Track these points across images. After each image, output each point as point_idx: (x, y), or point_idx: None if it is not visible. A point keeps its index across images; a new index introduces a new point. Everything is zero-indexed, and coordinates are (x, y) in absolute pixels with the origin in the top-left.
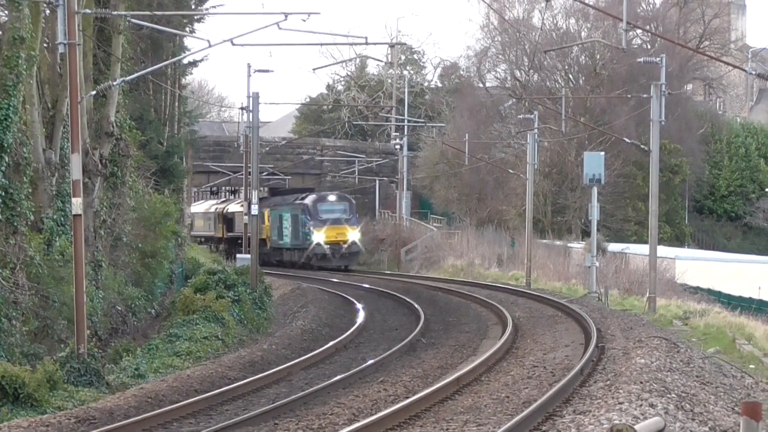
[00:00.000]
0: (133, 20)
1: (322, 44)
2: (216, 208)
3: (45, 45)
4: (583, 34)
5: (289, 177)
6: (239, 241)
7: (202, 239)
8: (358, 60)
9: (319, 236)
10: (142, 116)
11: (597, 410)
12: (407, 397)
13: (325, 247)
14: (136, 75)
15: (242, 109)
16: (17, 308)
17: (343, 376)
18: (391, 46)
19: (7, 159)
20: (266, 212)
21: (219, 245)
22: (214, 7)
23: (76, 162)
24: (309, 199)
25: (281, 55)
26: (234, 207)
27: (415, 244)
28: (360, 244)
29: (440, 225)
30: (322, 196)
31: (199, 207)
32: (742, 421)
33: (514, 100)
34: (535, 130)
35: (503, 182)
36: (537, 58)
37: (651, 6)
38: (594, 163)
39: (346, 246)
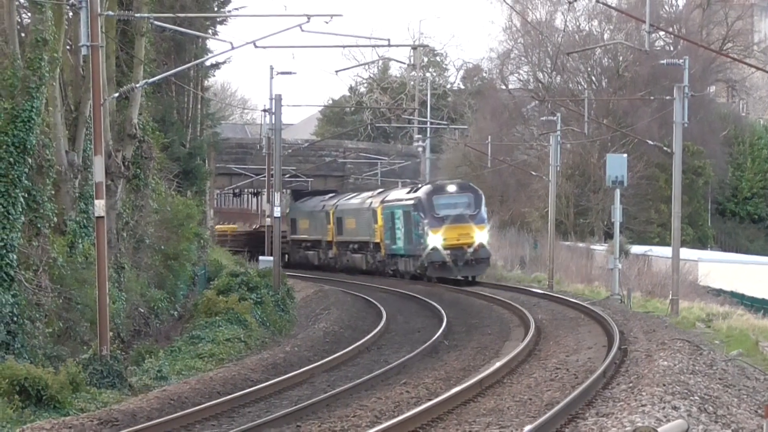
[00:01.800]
0: (156, 22)
1: (344, 46)
2: (324, 205)
3: (68, 47)
4: (605, 35)
5: (312, 179)
6: (352, 248)
7: (307, 244)
8: (380, 62)
9: (435, 239)
10: (165, 118)
11: (620, 412)
12: (429, 399)
13: (444, 252)
14: (159, 77)
15: (265, 111)
16: (40, 310)
17: (365, 378)
18: (414, 48)
19: (30, 161)
20: (378, 209)
21: (327, 253)
22: (236, 9)
23: (98, 164)
24: (422, 191)
25: (304, 57)
26: (350, 202)
27: None
28: (489, 247)
29: None
30: (439, 186)
31: (302, 205)
32: (765, 423)
33: (536, 102)
34: (558, 132)
35: (526, 184)
36: (560, 60)
37: (674, 8)
38: (617, 165)
39: (471, 250)
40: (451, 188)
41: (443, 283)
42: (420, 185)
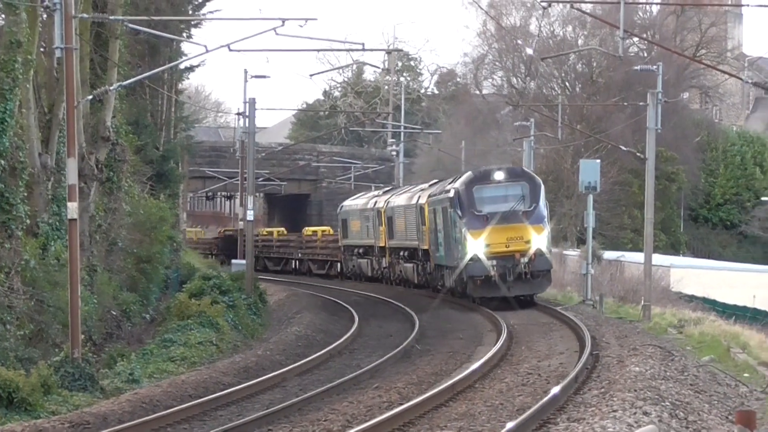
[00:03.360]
0: (131, 25)
1: (319, 50)
2: (376, 201)
3: (42, 49)
4: (580, 41)
5: (285, 183)
6: (404, 256)
7: (360, 251)
8: (355, 66)
9: (475, 245)
10: (139, 121)
11: (591, 418)
12: (401, 404)
13: (488, 263)
14: (133, 80)
15: (239, 114)
16: (12, 312)
17: (337, 382)
18: (388, 52)
19: (3, 163)
20: (425, 206)
21: (381, 261)
22: (211, 12)
23: (72, 166)
24: (460, 180)
25: (278, 61)
26: (401, 197)
27: None
28: (550, 255)
29: None
30: (483, 173)
31: (355, 202)
32: (736, 429)
33: (510, 107)
34: (532, 138)
35: None
36: (534, 66)
37: (648, 14)
38: (590, 170)
39: (525, 260)
40: (499, 175)
41: (487, 305)
42: (460, 175)
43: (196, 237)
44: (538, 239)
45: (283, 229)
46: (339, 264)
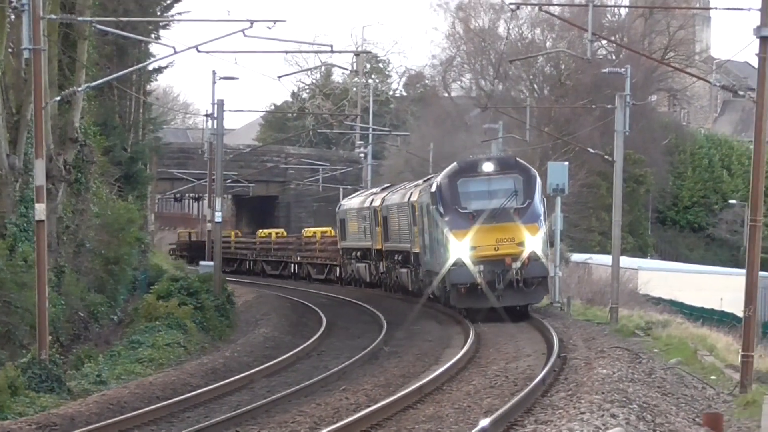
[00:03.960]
0: (99, 26)
1: (287, 52)
2: (372, 199)
3: (10, 50)
4: (548, 44)
5: (253, 185)
6: (398, 260)
7: (357, 254)
8: (323, 68)
9: (459, 247)
10: (107, 122)
11: (558, 420)
12: (369, 406)
13: (474, 269)
14: (101, 81)
15: (207, 116)
16: None
17: (305, 384)
18: (357, 54)
19: None
20: (415, 204)
21: (378, 266)
22: (179, 13)
23: (40, 167)
24: (443, 173)
25: (247, 63)
26: (397, 194)
27: None
28: (546, 259)
29: None
30: (469, 164)
31: (353, 200)
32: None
33: (479, 109)
34: (500, 140)
35: None
36: (502, 68)
37: (616, 17)
38: (558, 172)
39: (517, 265)
40: (487, 167)
41: (472, 318)
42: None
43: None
44: (533, 241)
45: (282, 230)
46: (339, 268)
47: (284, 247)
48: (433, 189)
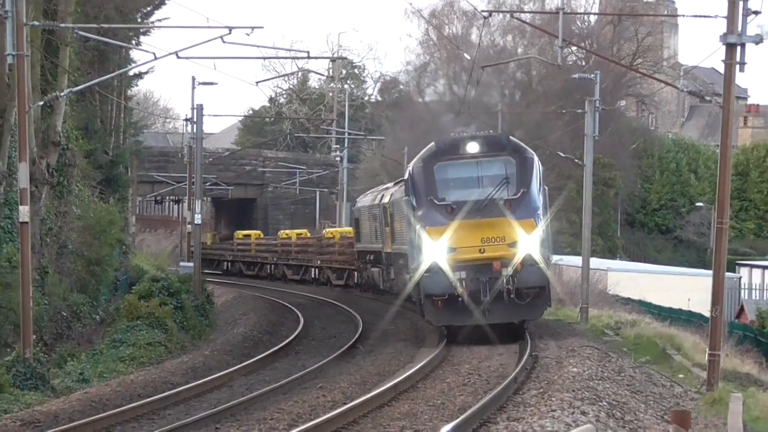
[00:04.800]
0: (81, 32)
1: (265, 58)
2: (383, 196)
3: None
4: (519, 50)
5: (232, 187)
6: (401, 263)
7: (371, 257)
8: (300, 74)
9: (434, 249)
10: (88, 126)
11: (530, 417)
12: (345, 403)
13: (453, 276)
14: (82, 86)
15: (186, 120)
16: None
17: (283, 382)
18: (333, 60)
19: None
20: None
21: (389, 270)
22: (160, 20)
23: (23, 171)
24: (417, 157)
25: (225, 68)
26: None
27: None
28: (545, 264)
29: None
30: (449, 144)
31: (367, 197)
32: (671, 429)
33: (452, 114)
34: None
35: None
36: (475, 74)
37: (586, 24)
38: None
39: (509, 271)
40: (472, 147)
41: (455, 334)
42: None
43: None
44: (528, 241)
45: (305, 231)
46: (356, 273)
47: (304, 250)
48: (406, 176)
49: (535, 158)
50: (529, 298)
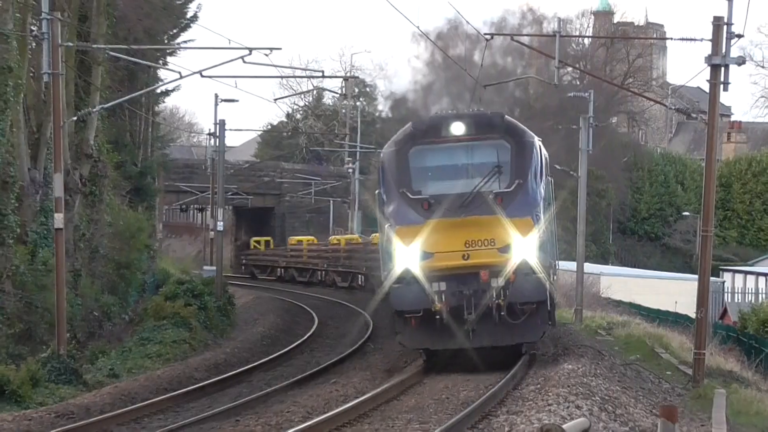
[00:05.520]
0: (112, 53)
1: (282, 77)
2: None
3: (31, 74)
4: (518, 70)
5: (252, 197)
6: None
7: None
8: (315, 92)
9: (405, 254)
10: (118, 140)
11: (528, 411)
12: (357, 397)
13: (429, 288)
14: (113, 103)
15: (210, 134)
16: (3, 313)
17: (298, 377)
18: (346, 79)
19: None
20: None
21: None
22: (185, 42)
23: (58, 181)
24: (391, 140)
25: (246, 86)
26: None
27: None
28: (542, 274)
29: None
30: (429, 125)
31: None
32: (659, 422)
33: None
34: None
35: None
36: (477, 92)
37: (581, 46)
38: None
39: (498, 282)
40: (457, 128)
41: (432, 360)
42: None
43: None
44: (524, 244)
45: (357, 236)
46: None
47: (351, 255)
48: (382, 161)
49: (536, 142)
50: (524, 316)
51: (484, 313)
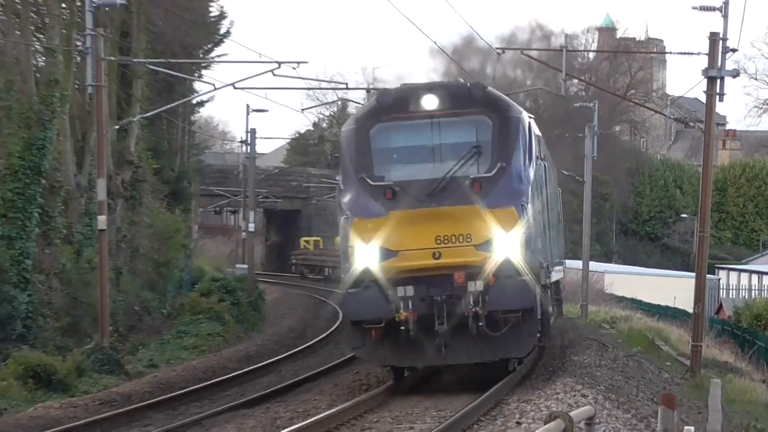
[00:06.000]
0: (151, 66)
1: (309, 88)
2: None
3: (76, 86)
4: (528, 82)
5: (280, 200)
6: None
7: None
8: (339, 102)
9: (364, 252)
10: (157, 147)
11: (537, 399)
12: (378, 386)
13: (392, 294)
14: (152, 113)
15: (242, 142)
16: (51, 308)
17: (324, 367)
18: (368, 91)
19: (43, 182)
20: None
21: None
22: (219, 56)
23: (101, 185)
24: (352, 118)
25: (275, 97)
26: None
27: None
28: (531, 276)
29: None
30: (394, 98)
31: None
32: (660, 410)
33: None
34: None
35: None
36: None
37: (586, 59)
38: None
39: (477, 286)
40: (429, 102)
41: (399, 377)
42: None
43: None
44: (507, 240)
45: (319, 238)
46: None
47: None
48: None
49: (524, 118)
50: (507, 327)
51: (459, 324)
